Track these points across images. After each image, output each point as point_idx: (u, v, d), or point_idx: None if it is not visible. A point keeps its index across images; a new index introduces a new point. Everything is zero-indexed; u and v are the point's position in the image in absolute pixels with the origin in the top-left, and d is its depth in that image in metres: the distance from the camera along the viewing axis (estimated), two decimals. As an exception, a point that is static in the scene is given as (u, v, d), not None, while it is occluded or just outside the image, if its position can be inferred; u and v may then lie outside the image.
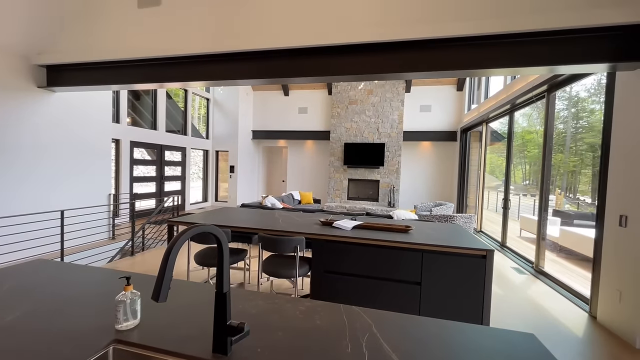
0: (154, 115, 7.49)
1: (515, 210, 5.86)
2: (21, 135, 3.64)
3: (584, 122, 6.73)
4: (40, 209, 3.57)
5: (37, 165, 3.80)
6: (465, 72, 2.75)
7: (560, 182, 7.28)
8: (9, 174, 3.47)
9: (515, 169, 6.19)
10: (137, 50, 3.41)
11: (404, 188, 9.29)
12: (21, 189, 3.61)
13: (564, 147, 6.91)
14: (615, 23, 2.26)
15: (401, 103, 8.82)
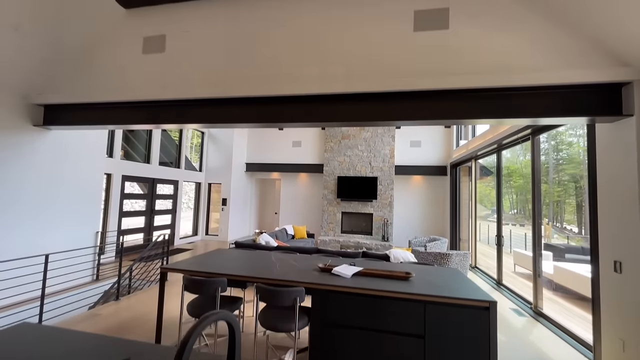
0: (148, 148, 7.49)
1: (506, 240, 5.93)
2: (9, 174, 3.55)
3: (564, 154, 7.07)
4: (25, 250, 3.39)
5: (24, 205, 3.68)
6: (449, 122, 2.87)
7: (547, 211, 7.46)
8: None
9: (503, 198, 6.32)
10: (137, 92, 3.48)
11: (398, 221, 9.31)
12: (6, 230, 3.45)
13: (547, 177, 7.18)
14: (589, 82, 2.46)
15: (392, 138, 9.11)
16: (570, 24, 2.45)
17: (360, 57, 2.95)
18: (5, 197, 3.48)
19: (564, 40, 2.55)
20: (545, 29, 2.59)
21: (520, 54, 2.63)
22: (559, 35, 2.55)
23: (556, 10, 2.43)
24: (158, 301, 2.57)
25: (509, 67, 2.63)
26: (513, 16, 2.67)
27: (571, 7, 2.32)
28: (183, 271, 2.55)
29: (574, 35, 2.50)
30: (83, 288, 4.24)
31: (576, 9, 2.29)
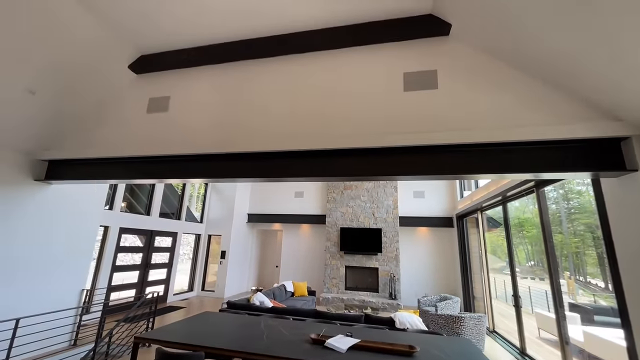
0: (150, 199, 7.51)
1: (526, 297, 5.30)
2: (3, 230, 3.49)
3: (575, 202, 6.76)
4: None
5: (11, 262, 3.53)
6: (450, 177, 2.77)
7: (567, 264, 6.87)
8: None
9: (517, 249, 5.87)
10: (141, 148, 3.55)
11: (406, 276, 8.74)
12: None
13: (561, 227, 6.77)
14: (584, 137, 2.41)
15: (394, 189, 9.04)
16: (563, 83, 2.50)
17: (355, 114, 3.02)
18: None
19: (557, 98, 2.58)
20: (538, 87, 2.64)
21: (513, 111, 2.65)
22: (553, 93, 2.59)
23: (548, 70, 2.50)
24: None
25: (503, 124, 2.62)
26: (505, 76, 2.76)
27: (563, 69, 2.38)
28: (158, 341, 2.27)
29: (567, 93, 2.53)
30: (58, 355, 3.84)
31: (568, 70, 2.35)
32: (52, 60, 3.18)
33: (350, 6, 2.87)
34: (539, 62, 2.48)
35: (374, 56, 3.16)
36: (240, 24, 3.17)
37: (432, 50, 2.98)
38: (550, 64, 2.40)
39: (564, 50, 2.18)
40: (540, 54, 2.39)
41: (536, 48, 2.36)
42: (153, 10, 3.02)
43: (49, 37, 3.00)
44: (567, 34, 2.05)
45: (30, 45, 2.95)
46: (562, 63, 2.31)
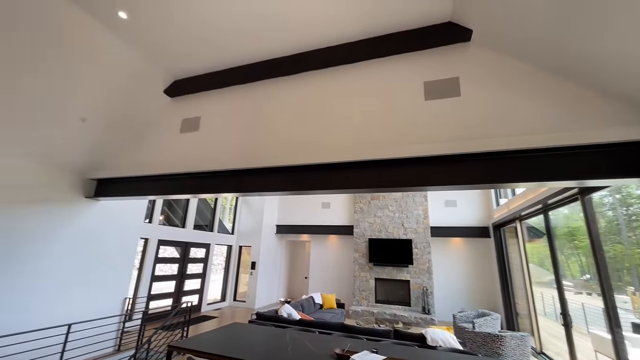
0: (185, 212, 7.96)
1: (580, 315, 4.68)
2: (56, 243, 3.89)
3: (636, 208, 6.01)
4: (50, 318, 3.50)
5: (62, 273, 3.92)
6: (487, 186, 2.64)
7: (629, 277, 6.07)
8: (23, 283, 3.56)
9: (569, 260, 5.34)
10: (176, 166, 3.82)
11: (439, 290, 8.31)
12: (42, 297, 3.65)
13: (619, 235, 6.03)
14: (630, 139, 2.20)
15: (424, 198, 8.75)
16: (598, 84, 2.33)
17: (376, 126, 3.02)
18: (48, 266, 3.75)
19: (595, 99, 2.40)
20: (573, 88, 2.47)
21: (546, 115, 2.50)
22: (589, 93, 2.41)
23: (585, 71, 2.34)
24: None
25: (536, 129, 2.47)
26: (535, 79, 2.62)
27: (601, 69, 2.22)
28: (189, 350, 2.38)
29: (606, 94, 2.35)
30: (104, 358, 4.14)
31: (606, 70, 2.19)
32: (99, 91, 3.57)
33: (368, 20, 2.92)
34: (573, 63, 2.33)
35: (395, 67, 3.15)
36: (264, 44, 3.34)
37: (453, 58, 2.91)
38: (586, 64, 2.25)
39: (603, 49, 2.03)
40: (575, 54, 2.24)
41: (570, 48, 2.22)
42: (185, 39, 3.29)
43: (96, 71, 3.38)
44: (607, 34, 1.91)
45: (80, 79, 3.34)
46: (600, 63, 2.16)
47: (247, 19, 2.97)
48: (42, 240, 3.73)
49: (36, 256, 3.65)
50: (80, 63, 3.23)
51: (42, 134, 3.55)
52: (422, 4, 2.68)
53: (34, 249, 3.64)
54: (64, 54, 3.07)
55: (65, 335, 3.22)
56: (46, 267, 3.75)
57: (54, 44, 2.97)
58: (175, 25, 3.09)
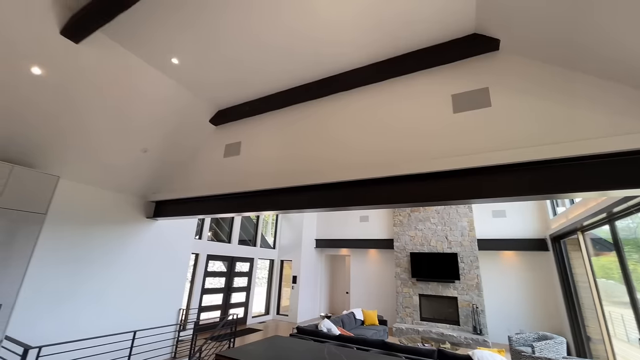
0: (230, 228, 8.51)
1: None
2: (118, 259, 4.45)
3: None
4: (115, 327, 4.01)
5: (122, 284, 4.46)
6: (541, 197, 2.45)
7: None
8: (96, 291, 4.12)
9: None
10: (220, 187, 4.20)
11: (492, 309, 7.67)
12: (105, 307, 4.20)
13: None
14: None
15: (469, 209, 8.26)
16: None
17: (407, 142, 3.06)
18: (109, 278, 4.31)
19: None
20: (619, 90, 2.29)
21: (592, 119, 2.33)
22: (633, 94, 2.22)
23: (619, 70, 2.17)
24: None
25: (586, 134, 2.31)
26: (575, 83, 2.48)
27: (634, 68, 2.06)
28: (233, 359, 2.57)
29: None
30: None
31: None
32: (156, 125, 4.12)
33: (393, 40, 3.01)
34: (614, 63, 2.17)
35: (423, 82, 3.19)
36: (295, 74, 3.60)
37: (481, 69, 2.87)
38: (628, 62, 2.08)
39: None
40: (616, 54, 2.10)
41: (612, 48, 2.09)
42: (224, 76, 3.69)
43: (153, 109, 3.93)
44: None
45: (140, 117, 3.91)
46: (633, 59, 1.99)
47: (278, 56, 3.27)
48: (112, 254, 4.34)
49: (107, 267, 4.25)
50: (141, 104, 3.79)
51: (112, 166, 4.19)
52: (443, 19, 2.71)
53: (105, 261, 4.24)
54: (126, 95, 3.64)
55: (131, 340, 3.66)
56: (114, 278, 4.33)
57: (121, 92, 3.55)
58: (216, 66, 3.50)
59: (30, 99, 3.17)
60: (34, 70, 3.06)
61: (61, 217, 3.79)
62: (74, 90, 3.31)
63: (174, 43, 3.20)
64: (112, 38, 3.16)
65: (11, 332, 3.02)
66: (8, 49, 2.81)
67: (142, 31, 3.06)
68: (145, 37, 3.13)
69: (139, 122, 3.95)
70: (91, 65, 3.23)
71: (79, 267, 3.93)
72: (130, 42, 3.22)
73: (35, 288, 3.43)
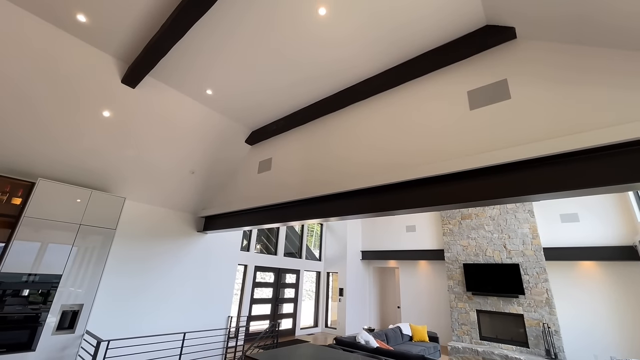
0: (276, 240, 8.92)
1: None
2: (173, 269, 5.04)
3: None
4: (169, 328, 4.53)
5: (176, 292, 5.00)
6: (606, 189, 2.08)
7: None
8: (154, 296, 4.71)
9: None
10: (256, 201, 4.54)
11: (570, 329, 6.57)
12: (159, 311, 4.75)
13: None
14: None
15: (530, 214, 7.34)
16: None
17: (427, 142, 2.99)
18: (165, 286, 4.89)
19: None
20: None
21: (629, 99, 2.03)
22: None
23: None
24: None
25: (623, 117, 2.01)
26: (606, 61, 2.19)
27: None
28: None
29: None
30: (212, 370, 4.95)
31: None
32: (201, 150, 4.69)
33: (402, 44, 3.01)
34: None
35: (435, 83, 3.11)
36: (315, 91, 3.81)
37: (497, 60, 2.69)
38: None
39: None
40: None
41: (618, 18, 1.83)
42: (254, 100, 4.08)
43: (197, 136, 4.49)
44: None
45: (188, 145, 4.49)
46: None
47: (299, 83, 3.54)
48: (167, 263, 4.95)
49: (164, 276, 4.86)
50: (186, 131, 4.38)
51: (166, 187, 4.86)
52: (450, 15, 2.65)
53: (162, 270, 4.86)
54: (173, 125, 4.25)
55: (181, 341, 4.10)
56: (170, 285, 4.92)
57: (169, 123, 4.17)
58: (247, 92, 3.90)
59: (102, 136, 3.93)
60: (104, 113, 3.81)
61: (127, 231, 4.51)
62: (134, 125, 4.01)
63: (208, 74, 3.68)
64: (158, 79, 3.78)
65: (89, 327, 3.66)
66: (85, 98, 3.58)
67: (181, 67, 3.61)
68: (185, 73, 3.68)
69: (186, 148, 4.56)
70: (146, 103, 3.90)
71: (141, 275, 4.59)
72: (173, 80, 3.80)
73: (108, 292, 4.12)
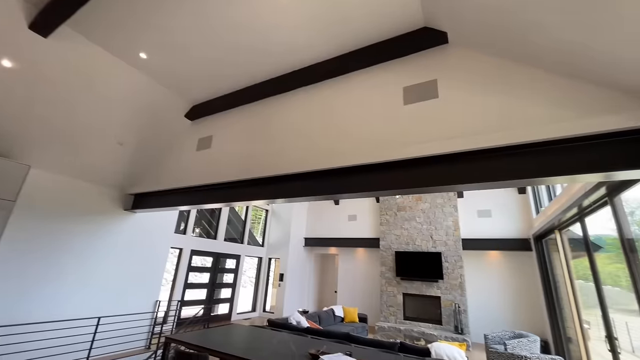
0: (217, 224, 8.60)
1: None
2: (94, 247, 4.57)
3: None
4: (86, 313, 4.11)
5: (99, 274, 4.56)
6: (516, 182, 2.40)
7: None
8: (68, 278, 4.23)
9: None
10: (194, 179, 4.28)
11: (475, 308, 7.64)
12: (80, 294, 4.30)
13: None
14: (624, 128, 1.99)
15: (454, 209, 8.26)
16: (585, 70, 2.17)
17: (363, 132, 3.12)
18: (88, 268, 4.42)
19: (583, 88, 2.23)
20: (556, 81, 2.33)
21: (529, 109, 2.38)
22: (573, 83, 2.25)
23: (566, 62, 2.21)
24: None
25: (524, 122, 2.34)
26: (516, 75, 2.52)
27: (584, 58, 2.10)
28: (178, 342, 2.64)
29: (592, 82, 2.17)
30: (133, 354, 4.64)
31: (591, 59, 2.06)
32: (131, 119, 4.23)
33: (345, 36, 3.09)
34: (554, 56, 2.22)
35: (376, 76, 3.25)
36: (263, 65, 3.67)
37: (431, 61, 2.93)
38: (567, 54, 2.13)
39: (580, 41, 1.93)
40: (553, 47, 2.14)
41: (549, 42, 2.13)
42: (196, 71, 3.80)
43: (128, 103, 4.04)
44: (581, 28, 1.83)
45: (114, 110, 4.02)
46: (580, 52, 2.03)
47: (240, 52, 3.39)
48: (82, 244, 4.44)
49: (81, 256, 4.36)
50: (115, 97, 3.91)
51: (86, 157, 4.31)
52: (391, 13, 2.78)
53: (74, 252, 4.34)
54: (99, 88, 3.76)
55: (95, 326, 3.75)
56: (89, 266, 4.45)
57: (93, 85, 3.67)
58: (186, 60, 3.60)
59: (2, 90, 3.30)
60: (4, 62, 3.20)
61: (32, 205, 3.90)
62: (46, 82, 3.44)
63: (143, 36, 3.30)
64: (79, 32, 3.28)
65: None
66: (-24, 41, 2.95)
67: (109, 23, 3.18)
68: (113, 30, 3.25)
69: (113, 115, 4.07)
70: (61, 58, 3.37)
71: (51, 255, 4.04)
72: (98, 36, 3.34)
73: (2, 270, 3.54)
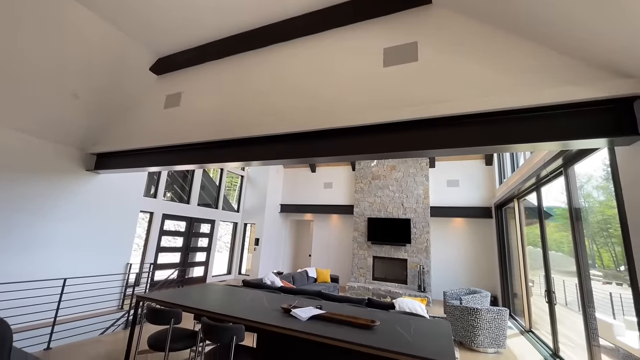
0: (190, 189, 8.38)
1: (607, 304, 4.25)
2: (59, 211, 4.32)
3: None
4: (54, 275, 3.99)
5: (65, 237, 4.37)
6: (479, 149, 2.50)
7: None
8: (36, 238, 4.05)
9: (601, 250, 5.12)
10: (161, 139, 4.05)
11: (438, 270, 8.31)
12: (48, 255, 4.13)
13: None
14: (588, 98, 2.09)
15: (426, 178, 8.60)
16: (558, 42, 2.20)
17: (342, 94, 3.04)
18: (52, 230, 4.21)
19: (555, 60, 2.28)
20: (534, 50, 2.35)
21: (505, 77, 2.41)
22: (550, 55, 2.29)
23: (547, 32, 2.21)
24: (130, 331, 2.67)
25: (496, 91, 2.38)
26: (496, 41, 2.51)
27: (557, 27, 2.10)
28: (158, 301, 2.65)
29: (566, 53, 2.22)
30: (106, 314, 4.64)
31: (563, 28, 2.07)
32: (90, 70, 3.81)
33: (326, -13, 2.88)
34: (535, 25, 2.21)
35: (356, 36, 3.11)
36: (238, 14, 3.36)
37: (414, 22, 2.83)
38: (550, 25, 2.12)
39: (566, 12, 1.91)
40: (538, 16, 2.12)
41: (533, 10, 2.10)
42: (163, 18, 3.41)
43: (84, 51, 3.60)
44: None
45: (70, 59, 3.58)
46: (564, 25, 2.03)
47: None
48: (43, 205, 4.17)
49: (38, 220, 4.11)
50: (68, 44, 3.46)
51: (41, 111, 3.89)
52: (376, -35, 2.60)
53: (35, 213, 4.08)
54: (50, 33, 3.30)
55: (61, 287, 3.65)
56: (51, 228, 4.23)
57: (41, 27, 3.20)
58: (154, 5, 3.20)
59: None
60: None
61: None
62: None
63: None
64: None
65: None
66: None
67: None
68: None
69: (64, 63, 3.62)
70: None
71: (11, 215, 3.78)
72: (38, -35, 2.85)
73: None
